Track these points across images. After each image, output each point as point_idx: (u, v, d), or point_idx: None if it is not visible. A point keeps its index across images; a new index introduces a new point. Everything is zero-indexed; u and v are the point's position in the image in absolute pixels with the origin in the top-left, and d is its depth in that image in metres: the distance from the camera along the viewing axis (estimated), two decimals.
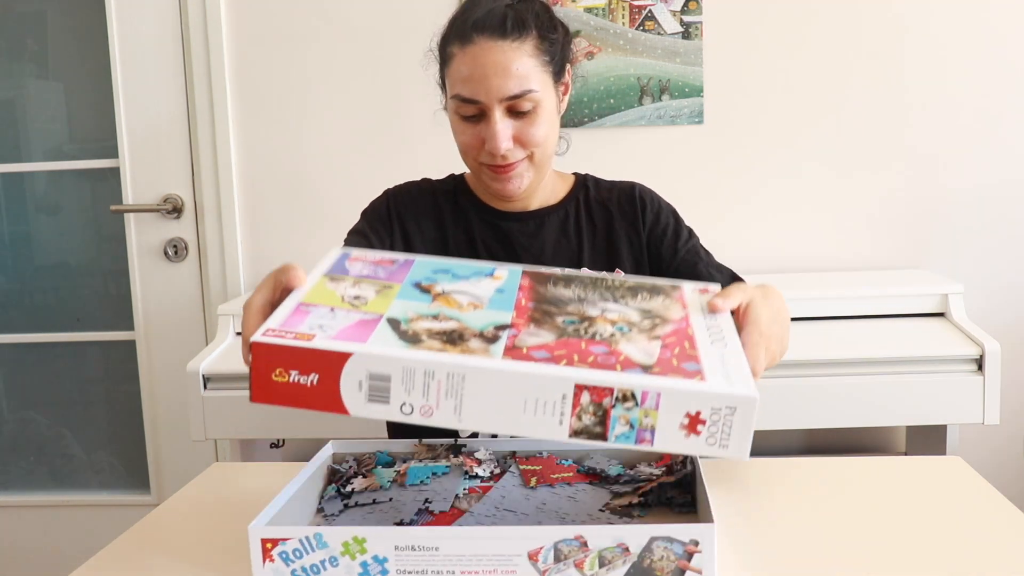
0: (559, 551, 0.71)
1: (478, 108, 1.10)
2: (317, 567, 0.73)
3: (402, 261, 0.88)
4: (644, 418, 0.65)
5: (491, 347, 0.70)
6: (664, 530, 0.71)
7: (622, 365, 0.68)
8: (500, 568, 0.72)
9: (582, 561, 0.71)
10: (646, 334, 0.75)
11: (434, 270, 0.86)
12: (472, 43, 1.09)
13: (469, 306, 0.78)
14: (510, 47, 1.09)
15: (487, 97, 1.09)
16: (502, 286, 0.83)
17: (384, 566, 0.73)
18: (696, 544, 0.70)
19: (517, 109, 1.10)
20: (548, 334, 0.73)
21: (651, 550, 0.71)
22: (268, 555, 0.73)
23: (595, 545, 0.71)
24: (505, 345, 0.70)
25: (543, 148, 1.15)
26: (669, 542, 0.70)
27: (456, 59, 1.11)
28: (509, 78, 1.08)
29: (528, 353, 0.69)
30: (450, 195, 1.27)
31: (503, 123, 1.10)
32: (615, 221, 1.24)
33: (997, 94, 1.97)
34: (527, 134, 1.12)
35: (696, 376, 0.67)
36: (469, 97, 1.10)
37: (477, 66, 1.08)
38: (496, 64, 1.08)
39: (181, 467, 2.22)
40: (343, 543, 0.73)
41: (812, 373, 1.64)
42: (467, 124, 1.13)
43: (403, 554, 0.72)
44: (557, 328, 0.75)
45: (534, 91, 1.10)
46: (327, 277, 0.83)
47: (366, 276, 0.84)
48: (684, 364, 0.69)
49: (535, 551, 0.71)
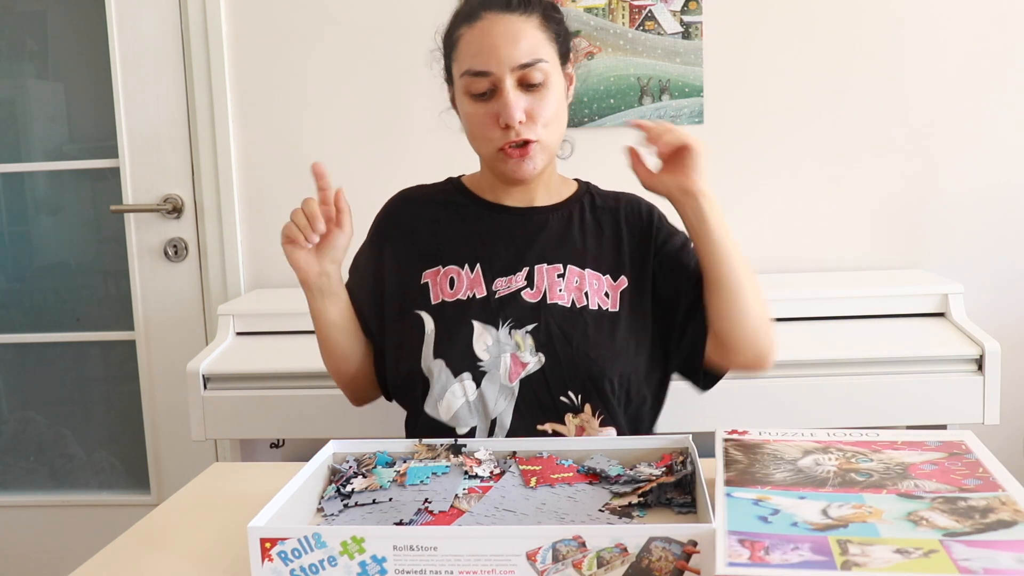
0: (557, 551, 0.71)
1: (489, 82, 1.09)
2: (316, 567, 0.73)
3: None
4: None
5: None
6: (662, 530, 0.71)
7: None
8: (498, 568, 0.72)
9: (580, 561, 0.71)
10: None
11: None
12: (479, 19, 1.10)
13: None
14: (518, 19, 1.10)
15: (498, 67, 1.08)
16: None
17: (383, 566, 0.73)
18: (695, 545, 0.70)
19: (528, 80, 1.09)
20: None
21: (649, 550, 0.71)
22: (267, 554, 0.73)
23: (593, 545, 0.71)
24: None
25: (552, 129, 1.13)
26: (667, 543, 0.70)
27: (464, 38, 1.11)
28: (519, 47, 1.08)
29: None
30: (448, 197, 1.26)
31: (515, 93, 1.09)
32: (623, 229, 1.22)
33: (997, 94, 1.97)
34: (538, 109, 1.10)
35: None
36: (480, 69, 1.09)
37: (487, 38, 1.09)
38: (506, 33, 1.08)
39: (181, 467, 2.22)
40: (342, 543, 0.73)
41: (812, 373, 1.64)
42: (479, 103, 1.12)
43: (401, 554, 0.72)
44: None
45: (544, 61, 1.10)
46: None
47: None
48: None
49: (533, 551, 0.71)
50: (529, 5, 1.11)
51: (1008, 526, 0.69)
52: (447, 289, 1.18)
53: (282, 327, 1.84)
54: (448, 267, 1.19)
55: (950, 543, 0.66)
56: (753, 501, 0.74)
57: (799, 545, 0.66)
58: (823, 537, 0.67)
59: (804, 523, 0.70)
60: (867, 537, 0.67)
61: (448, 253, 1.20)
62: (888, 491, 0.76)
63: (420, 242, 1.23)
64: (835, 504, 0.73)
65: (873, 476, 0.79)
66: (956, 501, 0.73)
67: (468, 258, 1.19)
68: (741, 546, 0.66)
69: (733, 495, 0.76)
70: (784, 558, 0.64)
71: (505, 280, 1.17)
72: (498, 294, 1.16)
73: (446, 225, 1.23)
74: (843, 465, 0.82)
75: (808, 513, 0.72)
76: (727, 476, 0.80)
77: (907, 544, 0.66)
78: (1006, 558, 0.63)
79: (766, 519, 0.71)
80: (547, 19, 1.12)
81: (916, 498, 0.74)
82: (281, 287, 2.13)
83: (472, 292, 1.17)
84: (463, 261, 1.19)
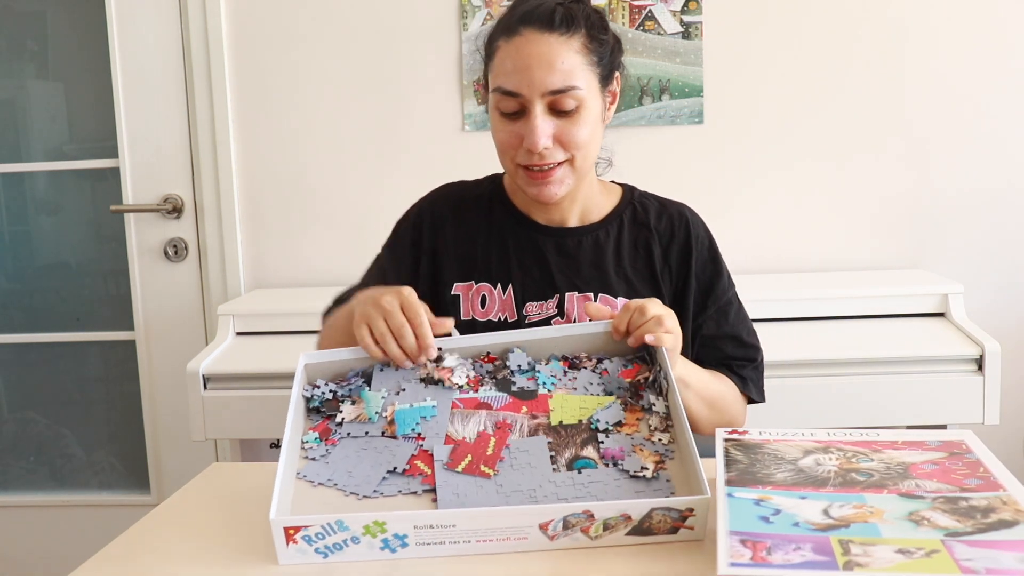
0: (567, 521, 0.77)
1: (519, 103, 1.06)
2: (340, 545, 0.78)
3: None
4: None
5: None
6: (664, 502, 0.77)
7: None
8: (513, 536, 0.77)
9: (588, 527, 0.77)
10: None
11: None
12: (518, 35, 1.05)
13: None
14: (557, 40, 1.04)
15: (528, 90, 1.04)
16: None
17: (404, 540, 0.77)
18: (691, 511, 0.77)
19: (559, 107, 1.05)
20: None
21: (650, 516, 0.77)
22: (291, 538, 0.77)
23: (601, 516, 0.77)
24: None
25: (584, 152, 1.09)
26: (667, 510, 0.77)
27: (500, 52, 1.07)
28: (553, 71, 1.03)
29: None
30: (485, 203, 1.22)
31: (543, 119, 1.05)
32: (660, 251, 1.18)
33: (997, 94, 1.97)
34: (568, 134, 1.06)
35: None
36: (510, 90, 1.05)
37: (521, 57, 1.04)
38: (540, 56, 1.03)
39: (181, 467, 2.22)
40: (364, 526, 0.77)
41: (812, 373, 1.64)
42: (507, 121, 1.08)
43: (421, 531, 0.77)
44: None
45: (578, 88, 1.05)
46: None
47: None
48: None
49: (546, 522, 0.77)
50: (573, 24, 1.05)
51: (1010, 526, 0.69)
52: (478, 307, 1.16)
53: (282, 327, 1.84)
54: (481, 284, 1.17)
55: (952, 543, 0.66)
56: (754, 501, 0.74)
57: (801, 545, 0.66)
58: (825, 537, 0.67)
59: (806, 523, 0.70)
60: (869, 537, 0.67)
61: (482, 269, 1.18)
62: (889, 491, 0.76)
63: (456, 251, 1.20)
64: (836, 504, 0.73)
65: (874, 476, 0.79)
66: (957, 501, 0.73)
67: (501, 277, 1.17)
68: (743, 546, 0.66)
69: (734, 495, 0.76)
70: (786, 558, 0.64)
71: (536, 306, 1.16)
72: (528, 319, 1.15)
73: (483, 238, 1.19)
74: (844, 465, 0.82)
75: (809, 513, 0.72)
76: (728, 476, 0.80)
77: (909, 544, 0.66)
78: (1008, 558, 0.63)
79: (767, 519, 0.71)
80: (591, 39, 1.06)
81: (917, 498, 0.74)
82: (281, 287, 2.13)
83: (503, 315, 1.16)
84: (496, 280, 1.17)
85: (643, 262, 1.19)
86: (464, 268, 1.18)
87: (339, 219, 2.11)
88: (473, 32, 2.00)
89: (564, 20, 1.05)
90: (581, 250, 1.18)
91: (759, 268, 2.02)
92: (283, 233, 2.14)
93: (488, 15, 2.00)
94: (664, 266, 1.19)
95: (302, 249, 2.13)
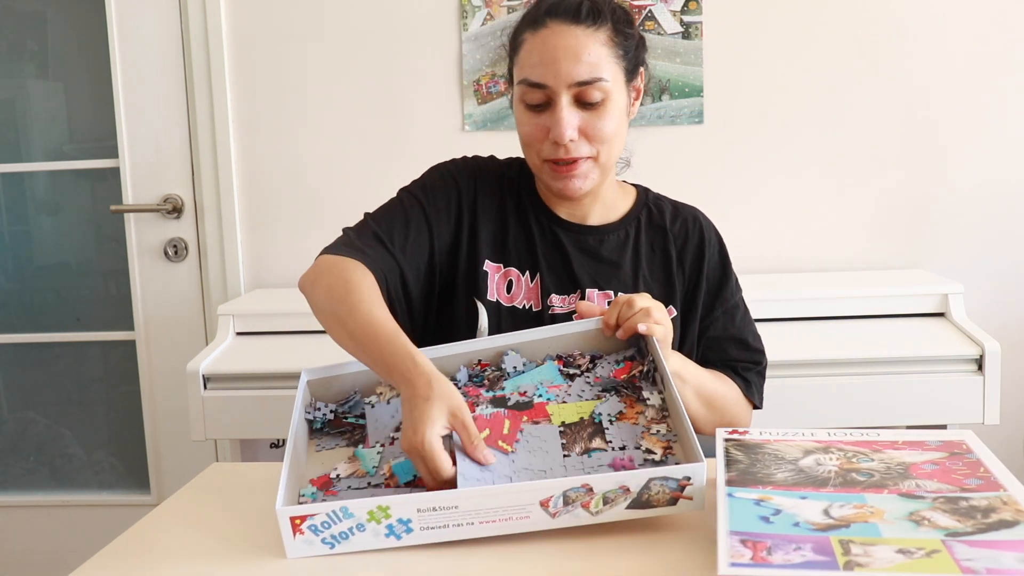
0: (568, 497, 0.78)
1: (545, 95, 1.06)
2: (345, 533, 0.78)
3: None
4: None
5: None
6: (661, 471, 0.78)
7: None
8: (515, 516, 0.78)
9: (588, 502, 0.78)
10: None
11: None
12: (544, 27, 1.06)
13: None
14: (583, 32, 1.05)
15: (555, 81, 1.04)
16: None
17: (408, 525, 0.78)
18: (688, 479, 0.78)
19: (585, 99, 1.05)
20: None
21: (649, 487, 0.78)
22: (298, 529, 0.77)
23: (600, 489, 0.78)
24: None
25: (609, 146, 1.09)
26: (665, 480, 0.78)
27: (526, 44, 1.07)
28: (579, 63, 1.04)
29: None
30: (514, 188, 1.20)
31: (569, 110, 1.05)
32: (675, 253, 1.19)
33: (997, 93, 1.97)
34: (594, 127, 1.06)
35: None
36: (536, 81, 1.05)
37: (547, 49, 1.04)
38: (567, 48, 1.04)
39: (181, 467, 2.22)
40: (368, 512, 0.77)
41: (812, 373, 1.64)
42: (532, 114, 1.08)
43: (425, 514, 0.78)
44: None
45: (604, 80, 1.05)
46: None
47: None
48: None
49: (546, 499, 0.78)
50: (599, 17, 1.06)
51: (1010, 526, 0.69)
52: (503, 291, 1.15)
53: (282, 327, 1.84)
54: (509, 268, 1.16)
55: (952, 543, 0.66)
56: (755, 501, 0.74)
57: (801, 545, 0.66)
58: (825, 537, 0.67)
59: (806, 523, 0.70)
60: (869, 537, 0.67)
61: (513, 253, 1.17)
62: (889, 491, 0.76)
63: (491, 228, 1.17)
64: (837, 504, 0.73)
65: (874, 476, 0.79)
66: (958, 501, 0.73)
67: (529, 265, 1.16)
68: (743, 546, 0.66)
69: (734, 495, 0.76)
70: (786, 558, 0.64)
71: (560, 299, 1.16)
72: (552, 310, 1.15)
73: (513, 221, 1.18)
74: (844, 465, 0.82)
75: (810, 513, 0.72)
76: (728, 476, 0.80)
77: (909, 544, 0.66)
78: (1008, 558, 0.63)
79: (768, 519, 0.71)
80: (617, 32, 1.07)
81: (918, 498, 0.74)
82: (281, 287, 2.13)
83: (528, 303, 1.15)
84: (524, 267, 1.16)
85: (659, 264, 1.19)
86: (496, 248, 1.17)
87: (339, 219, 2.08)
88: (473, 32, 2.00)
89: (591, 13, 1.06)
90: (603, 248, 1.18)
91: (759, 268, 2.02)
92: (283, 233, 2.14)
93: (488, 15, 2.00)
94: (678, 268, 1.20)
95: (302, 249, 2.13)
